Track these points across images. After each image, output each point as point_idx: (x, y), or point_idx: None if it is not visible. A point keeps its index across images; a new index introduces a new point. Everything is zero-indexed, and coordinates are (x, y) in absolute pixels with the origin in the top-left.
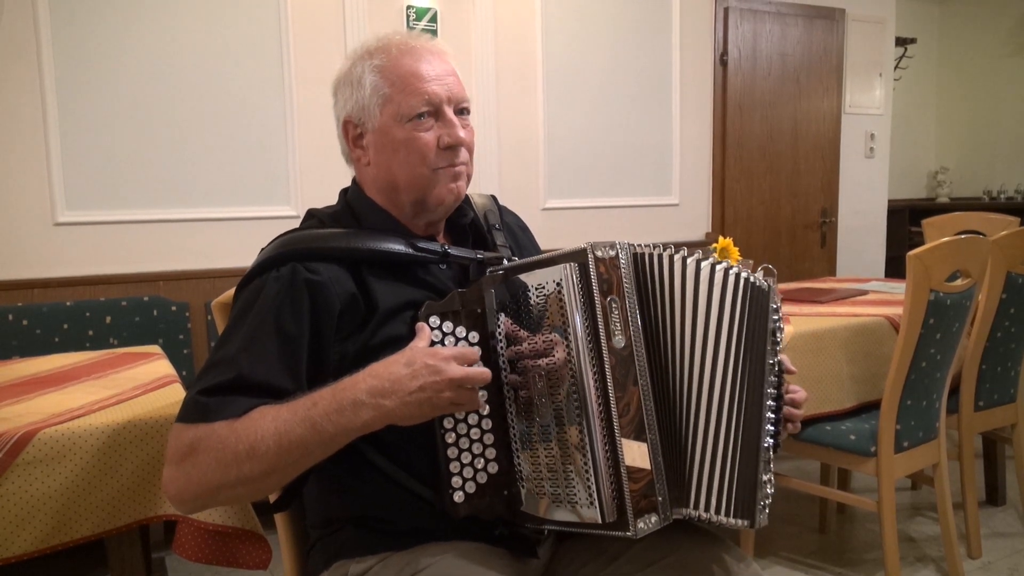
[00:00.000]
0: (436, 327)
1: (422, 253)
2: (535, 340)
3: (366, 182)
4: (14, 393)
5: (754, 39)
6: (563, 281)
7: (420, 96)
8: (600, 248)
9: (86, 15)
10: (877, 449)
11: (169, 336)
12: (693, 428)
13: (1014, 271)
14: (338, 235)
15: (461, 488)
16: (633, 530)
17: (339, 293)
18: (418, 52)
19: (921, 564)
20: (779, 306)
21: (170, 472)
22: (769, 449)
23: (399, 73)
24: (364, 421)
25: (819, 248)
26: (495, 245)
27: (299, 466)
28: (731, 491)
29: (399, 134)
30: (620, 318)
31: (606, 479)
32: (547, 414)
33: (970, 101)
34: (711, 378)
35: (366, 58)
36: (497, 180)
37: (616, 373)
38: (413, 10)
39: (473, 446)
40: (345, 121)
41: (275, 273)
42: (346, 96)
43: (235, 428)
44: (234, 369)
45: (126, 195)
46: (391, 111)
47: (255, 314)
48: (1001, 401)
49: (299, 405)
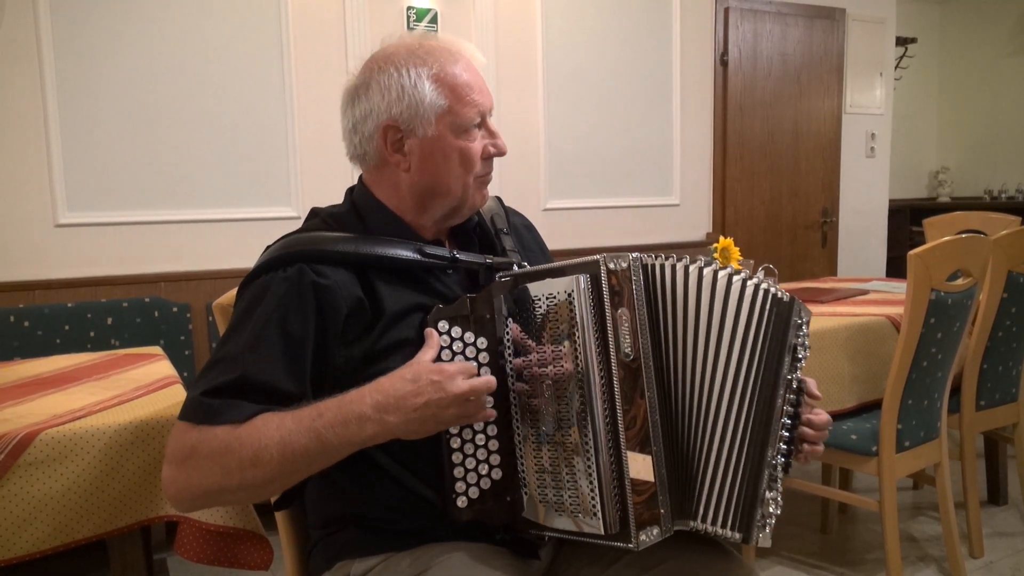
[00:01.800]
0: (445, 332)
1: (431, 259)
2: (543, 348)
3: (390, 186)
4: (16, 394)
5: (754, 39)
6: (574, 291)
7: (474, 108)
8: (612, 260)
9: (86, 17)
10: (878, 449)
11: (170, 337)
12: (699, 440)
13: (1015, 270)
14: (346, 239)
15: (464, 493)
16: (635, 542)
17: (345, 297)
18: (463, 60)
19: (923, 564)
20: (805, 321)
21: (171, 472)
22: (777, 467)
23: (456, 83)
24: (368, 435)
25: (820, 248)
26: (504, 250)
27: (301, 474)
28: (730, 503)
29: (454, 144)
30: (630, 330)
31: (609, 491)
32: (552, 423)
33: (971, 101)
34: (720, 389)
35: (418, 64)
36: (498, 181)
37: (624, 385)
38: (413, 11)
39: (477, 452)
40: (387, 125)
41: (282, 273)
42: (390, 100)
43: (239, 434)
44: (238, 369)
45: (127, 196)
46: (448, 121)
47: (260, 313)
48: (1003, 400)
49: (304, 415)
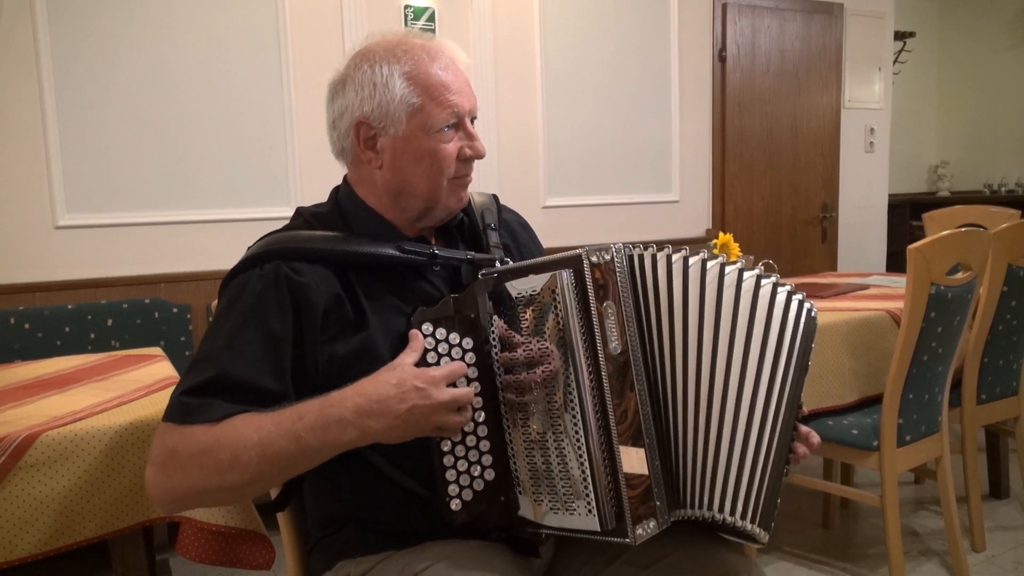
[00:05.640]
0: (429, 334)
1: (409, 255)
2: (530, 346)
3: (368, 184)
4: (17, 396)
5: (753, 35)
6: (557, 287)
7: (449, 108)
8: (595, 253)
9: (85, 18)
10: (880, 443)
11: (170, 338)
12: (694, 430)
13: (1015, 264)
14: (325, 237)
15: (458, 496)
16: (632, 537)
17: (323, 294)
18: (443, 59)
19: (925, 558)
20: (775, 281)
21: (153, 474)
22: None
23: (430, 83)
24: (349, 439)
25: (820, 243)
26: (488, 246)
27: (284, 476)
28: (749, 494)
29: (425, 144)
30: (617, 323)
31: (604, 487)
32: (543, 420)
33: (970, 94)
34: (725, 378)
35: (392, 61)
36: (497, 179)
37: (613, 379)
38: (411, 9)
39: (469, 453)
40: (359, 122)
41: (259, 271)
42: (363, 96)
43: (217, 436)
44: (215, 367)
45: (126, 197)
46: (420, 121)
47: (238, 311)
48: (1004, 394)
49: (284, 417)
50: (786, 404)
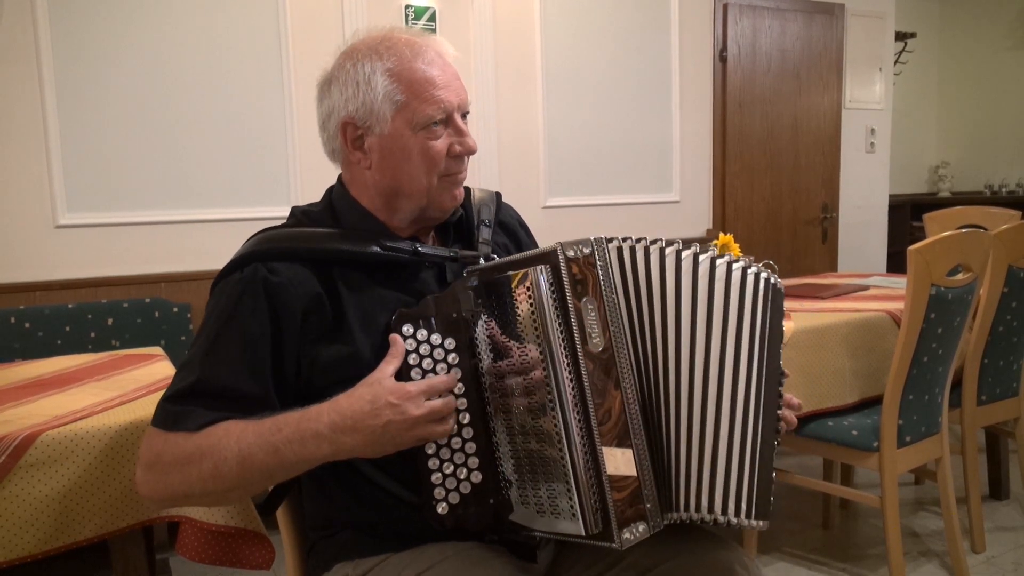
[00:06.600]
0: (410, 335)
1: (391, 252)
2: (510, 345)
3: (360, 184)
4: (17, 396)
5: (753, 35)
6: (532, 285)
7: (435, 104)
8: (572, 247)
9: (85, 17)
10: (879, 444)
11: (171, 337)
12: (688, 427)
13: (1015, 265)
14: (306, 235)
15: (444, 499)
16: (618, 541)
17: (300, 295)
18: (428, 54)
19: (925, 559)
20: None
21: (141, 474)
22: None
23: (414, 79)
24: (325, 454)
25: (820, 244)
26: (477, 242)
27: (264, 484)
28: (740, 490)
29: (412, 142)
30: (598, 319)
31: (587, 490)
32: (526, 422)
33: (971, 95)
34: (719, 373)
35: (374, 58)
36: (497, 179)
37: (594, 378)
38: (412, 9)
39: (455, 456)
40: (345, 122)
41: (239, 275)
42: (347, 95)
43: (199, 445)
44: (194, 373)
45: (127, 197)
46: (405, 118)
47: (216, 317)
48: (1004, 395)
49: (264, 428)
50: (767, 377)
